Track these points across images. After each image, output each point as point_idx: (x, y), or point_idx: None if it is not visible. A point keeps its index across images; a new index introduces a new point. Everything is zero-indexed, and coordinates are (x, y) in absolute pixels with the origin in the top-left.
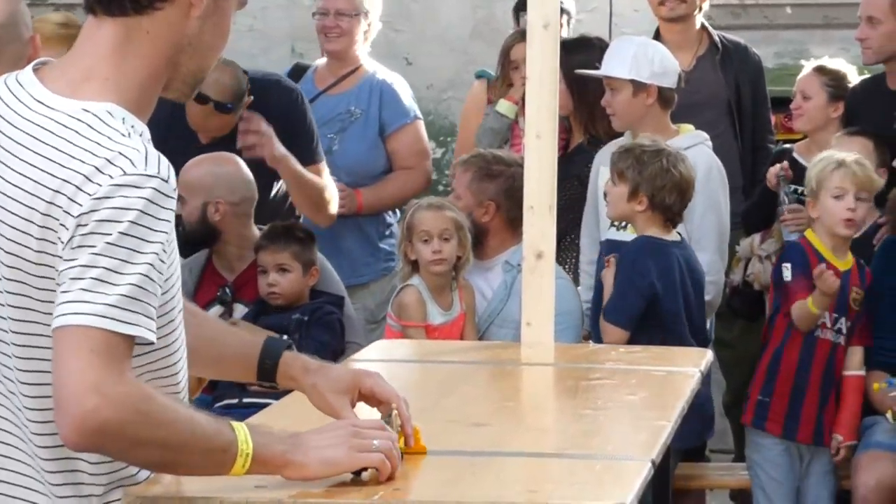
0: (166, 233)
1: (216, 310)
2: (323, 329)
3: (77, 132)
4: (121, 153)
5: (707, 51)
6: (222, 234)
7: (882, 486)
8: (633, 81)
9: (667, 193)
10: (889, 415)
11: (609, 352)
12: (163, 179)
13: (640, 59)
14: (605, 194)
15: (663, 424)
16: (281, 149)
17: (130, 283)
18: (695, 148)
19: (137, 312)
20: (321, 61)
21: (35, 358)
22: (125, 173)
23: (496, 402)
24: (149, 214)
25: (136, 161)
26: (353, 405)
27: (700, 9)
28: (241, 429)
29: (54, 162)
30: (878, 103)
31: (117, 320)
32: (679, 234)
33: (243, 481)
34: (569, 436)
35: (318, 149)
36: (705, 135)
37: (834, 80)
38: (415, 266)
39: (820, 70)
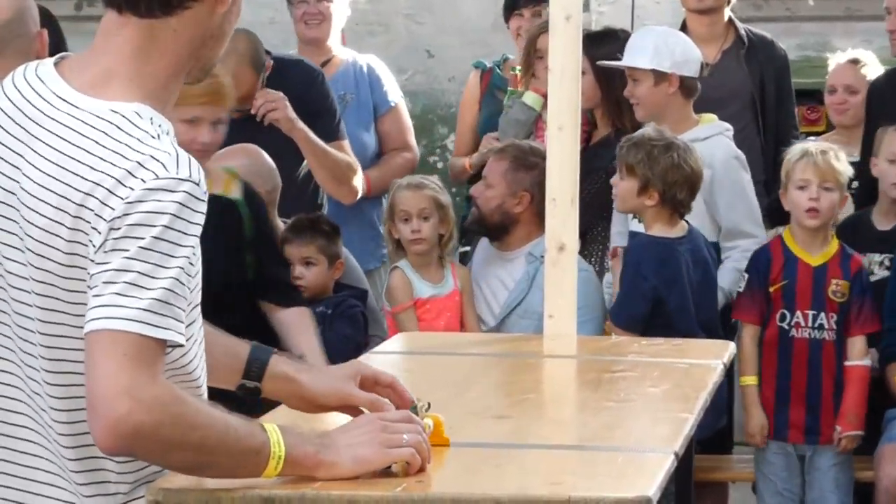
0: (196, 236)
1: None
2: (346, 322)
3: (106, 133)
4: (152, 156)
5: (733, 44)
6: None
7: None
8: (654, 71)
9: (678, 189)
10: None
11: (631, 344)
12: (194, 183)
13: (661, 48)
14: (611, 188)
15: (686, 417)
16: (292, 114)
17: (163, 288)
18: (714, 138)
19: (169, 316)
20: (292, 53)
21: (62, 360)
22: (157, 177)
23: (518, 394)
24: (181, 218)
25: (167, 164)
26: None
27: (728, 1)
28: (273, 430)
29: (84, 164)
30: None
31: (150, 325)
32: (687, 222)
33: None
34: (591, 428)
35: (341, 126)
36: (726, 125)
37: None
38: (399, 245)
39: (858, 62)
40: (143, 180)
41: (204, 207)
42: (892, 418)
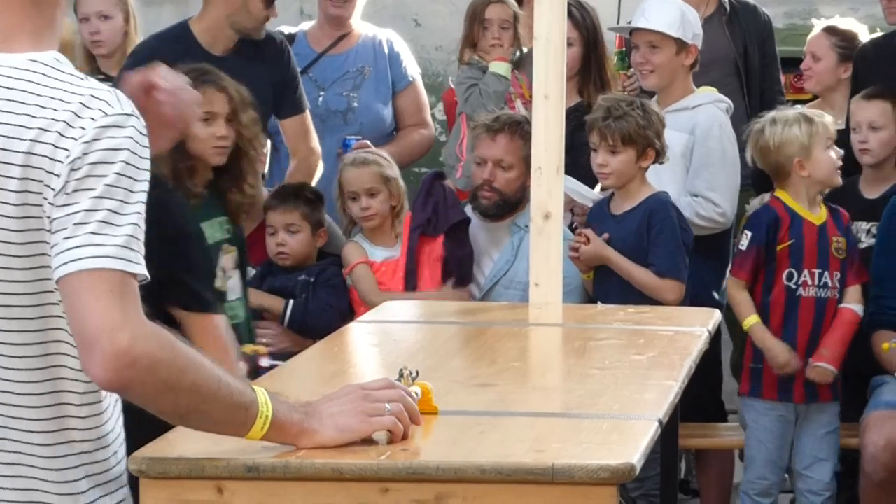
0: (149, 170)
1: None
2: (329, 291)
3: (36, 83)
4: (93, 96)
5: (715, 11)
6: None
7: (891, 446)
8: (677, 40)
9: (663, 135)
10: None
11: (616, 312)
12: (137, 117)
13: (686, 18)
14: (601, 166)
15: (670, 384)
16: None
17: (132, 223)
18: (704, 107)
19: (138, 251)
20: (307, 25)
21: (14, 318)
22: (106, 114)
23: (503, 362)
24: (135, 153)
25: (111, 101)
26: None
27: None
28: (261, 391)
29: (22, 114)
30: (889, 63)
31: (128, 260)
32: None
33: (249, 444)
34: (576, 396)
35: (304, 97)
36: (721, 97)
37: (844, 41)
38: (353, 220)
39: (830, 30)
40: (92, 119)
41: (147, 142)
42: (877, 385)
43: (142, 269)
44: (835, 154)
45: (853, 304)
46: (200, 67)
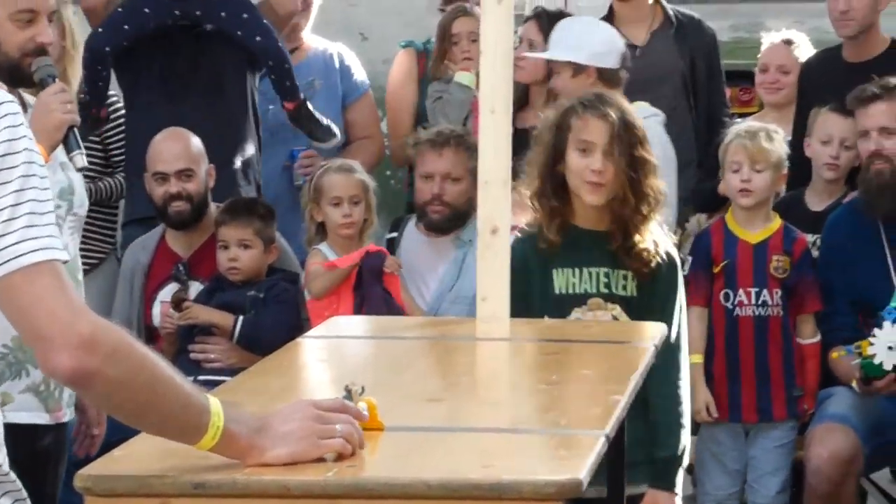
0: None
1: (171, 287)
2: (279, 307)
3: None
4: None
5: (661, 25)
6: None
7: (835, 458)
8: (572, 63)
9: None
10: (854, 383)
11: (564, 326)
12: (13, 101)
13: (581, 40)
14: None
15: (617, 399)
16: None
17: (50, 210)
18: (646, 121)
19: (57, 236)
20: None
21: None
22: None
23: (451, 377)
24: (30, 137)
25: None
26: None
27: None
28: (213, 400)
29: None
30: (835, 77)
31: (57, 248)
32: None
33: (196, 461)
34: (524, 410)
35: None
36: (656, 111)
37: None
38: (320, 227)
39: (790, 42)
40: None
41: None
42: (825, 397)
43: (67, 254)
44: (738, 178)
45: (809, 338)
46: None
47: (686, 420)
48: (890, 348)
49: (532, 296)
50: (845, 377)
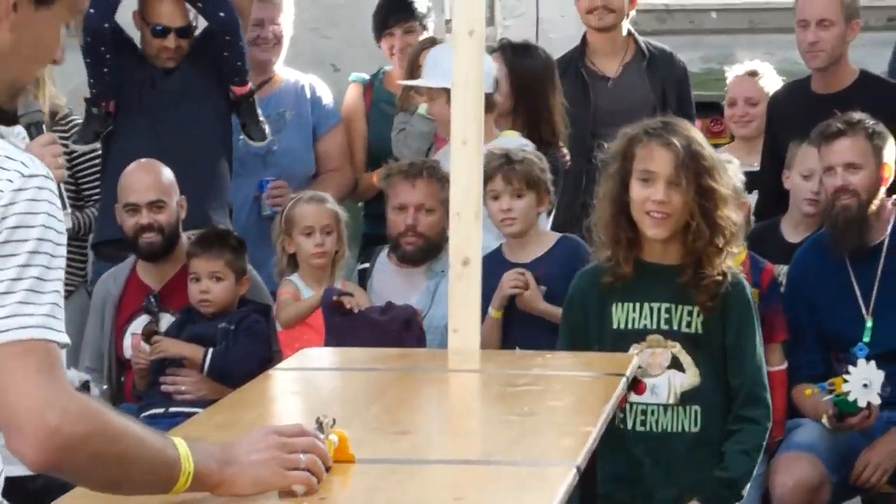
0: (65, 233)
1: (142, 319)
2: (249, 338)
3: None
4: (7, 156)
5: (633, 58)
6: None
7: (799, 487)
8: (447, 90)
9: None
10: (825, 419)
11: (535, 358)
12: (51, 178)
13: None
14: (506, 211)
15: (589, 430)
16: None
17: (54, 290)
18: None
19: (60, 318)
20: None
21: None
22: (22, 175)
23: (422, 409)
24: (53, 215)
25: (25, 162)
26: None
27: (627, 16)
28: (181, 445)
29: None
30: (803, 108)
31: (54, 329)
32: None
33: (164, 496)
34: (495, 442)
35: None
36: (526, 141)
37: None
38: (291, 259)
39: (756, 74)
40: (10, 181)
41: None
42: (793, 427)
43: (65, 337)
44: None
45: (777, 366)
46: None
47: (753, 452)
48: (865, 385)
49: (589, 331)
50: (813, 414)
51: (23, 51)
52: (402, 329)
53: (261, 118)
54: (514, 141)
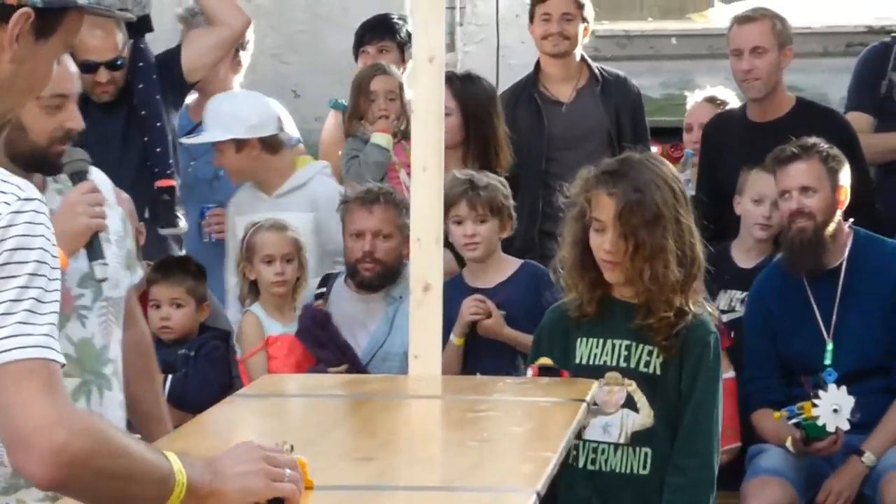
0: (56, 256)
1: None
2: (209, 365)
3: None
4: (2, 180)
5: (587, 83)
6: None
7: None
8: (234, 140)
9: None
10: (789, 443)
11: (496, 383)
12: (45, 202)
13: (235, 116)
14: (470, 236)
15: (549, 456)
16: None
17: (52, 311)
18: (315, 178)
19: (57, 339)
20: (190, 97)
21: None
22: (19, 198)
23: (383, 435)
24: (49, 239)
25: (21, 185)
26: None
27: (581, 43)
28: (173, 458)
29: None
30: (739, 136)
31: (53, 349)
32: None
33: None
34: (455, 468)
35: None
36: (323, 163)
37: None
38: (253, 285)
39: (712, 100)
40: (6, 203)
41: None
42: (756, 453)
43: (63, 357)
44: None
45: (725, 373)
46: None
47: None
48: (835, 410)
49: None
50: (775, 438)
51: (19, 83)
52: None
53: (178, 213)
54: (313, 168)
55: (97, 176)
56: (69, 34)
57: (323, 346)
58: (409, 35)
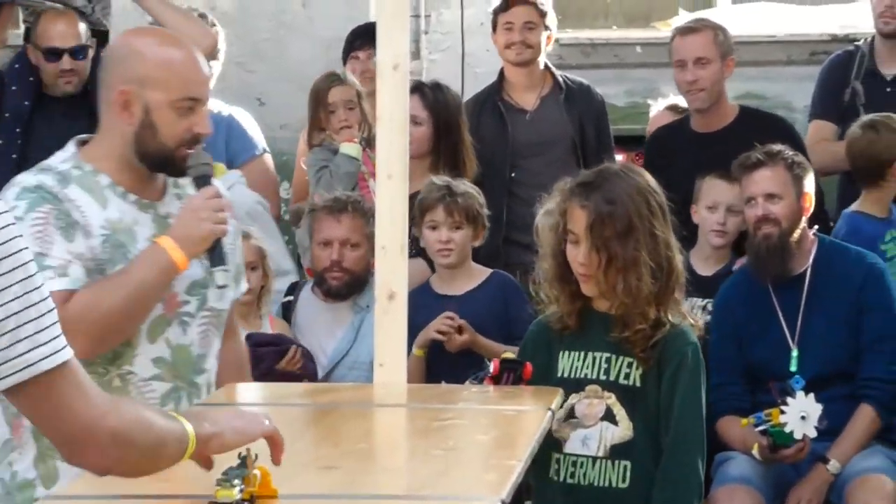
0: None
1: None
2: None
3: None
4: None
5: (551, 91)
6: None
7: None
8: None
9: None
10: (755, 450)
11: (461, 391)
12: (7, 213)
13: None
14: (445, 242)
15: (513, 464)
16: None
17: (51, 308)
18: (235, 188)
19: (61, 333)
20: None
21: None
22: None
23: (348, 444)
24: (23, 242)
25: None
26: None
27: (544, 51)
28: (179, 416)
29: None
30: (683, 146)
31: (67, 346)
32: None
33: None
34: (420, 477)
35: None
36: (238, 172)
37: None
38: None
39: (675, 108)
40: None
41: None
42: (722, 461)
43: (70, 350)
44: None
45: None
46: None
47: None
48: (802, 418)
49: (536, 378)
50: (741, 445)
51: None
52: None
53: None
54: (231, 176)
55: (217, 184)
56: (1, 28)
57: (261, 345)
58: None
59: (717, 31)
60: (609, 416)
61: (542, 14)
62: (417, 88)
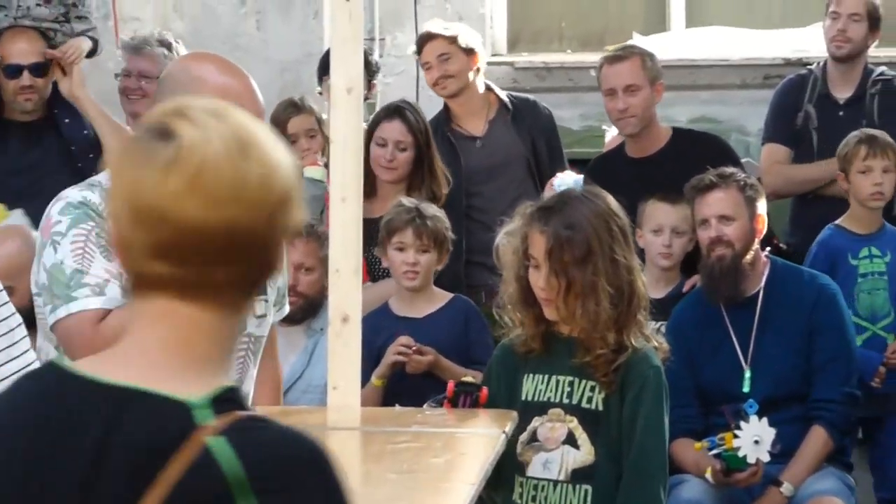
0: None
1: None
2: None
3: None
4: None
5: (497, 113)
6: None
7: None
8: None
9: None
10: (708, 474)
11: (415, 415)
12: None
13: None
14: (412, 265)
15: (467, 487)
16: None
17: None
18: None
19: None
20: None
21: None
22: None
23: None
24: None
25: None
26: None
27: (476, 76)
28: None
29: None
30: (619, 174)
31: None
32: None
33: None
34: (374, 501)
35: None
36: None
37: None
38: None
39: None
40: None
41: None
42: (676, 484)
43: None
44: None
45: None
46: None
47: None
48: (756, 442)
49: (499, 400)
50: (695, 469)
51: None
52: None
53: None
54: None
55: None
56: None
57: None
58: (377, 64)
59: (644, 57)
60: (570, 440)
61: (452, 40)
62: (398, 111)
